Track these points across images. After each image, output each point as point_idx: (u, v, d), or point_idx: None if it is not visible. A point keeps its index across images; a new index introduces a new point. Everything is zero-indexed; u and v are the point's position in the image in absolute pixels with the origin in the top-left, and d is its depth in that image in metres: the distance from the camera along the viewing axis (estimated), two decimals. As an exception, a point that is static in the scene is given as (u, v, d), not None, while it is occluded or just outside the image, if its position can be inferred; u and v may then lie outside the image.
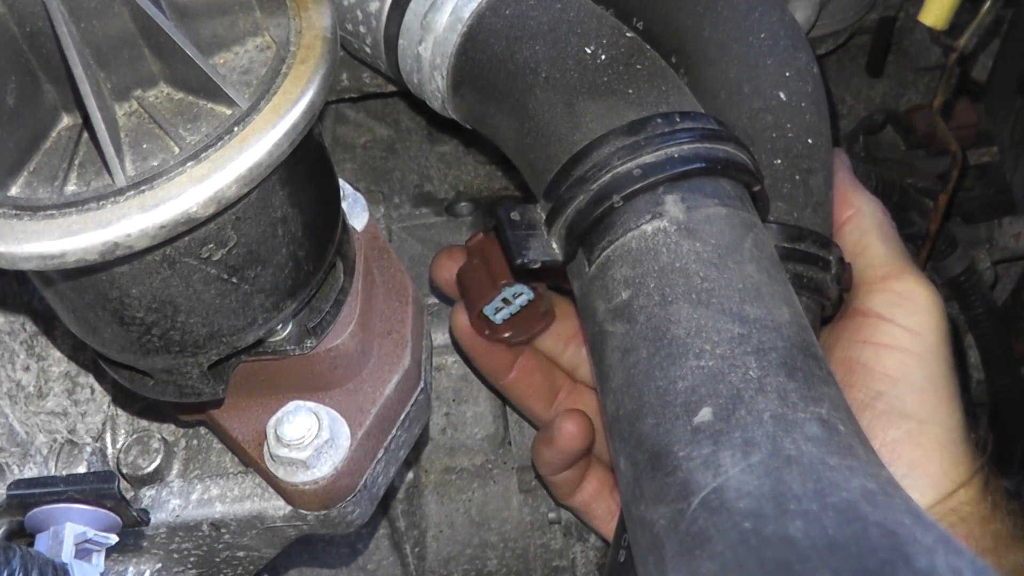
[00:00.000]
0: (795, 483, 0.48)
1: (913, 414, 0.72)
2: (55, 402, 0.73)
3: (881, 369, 0.74)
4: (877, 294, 0.78)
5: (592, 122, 0.69)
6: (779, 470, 0.49)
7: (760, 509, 0.47)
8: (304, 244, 0.58)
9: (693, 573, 0.47)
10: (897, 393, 0.72)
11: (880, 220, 0.82)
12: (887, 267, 0.79)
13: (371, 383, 0.68)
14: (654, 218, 0.64)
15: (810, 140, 0.80)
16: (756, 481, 0.49)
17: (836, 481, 0.48)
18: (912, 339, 0.75)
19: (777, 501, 0.47)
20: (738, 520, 0.47)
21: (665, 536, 0.51)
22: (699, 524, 0.49)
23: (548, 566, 1.03)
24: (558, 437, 0.86)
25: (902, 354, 0.74)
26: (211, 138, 0.50)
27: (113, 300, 0.55)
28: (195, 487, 0.69)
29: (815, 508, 0.46)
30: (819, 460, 0.50)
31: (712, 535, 0.48)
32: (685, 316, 0.60)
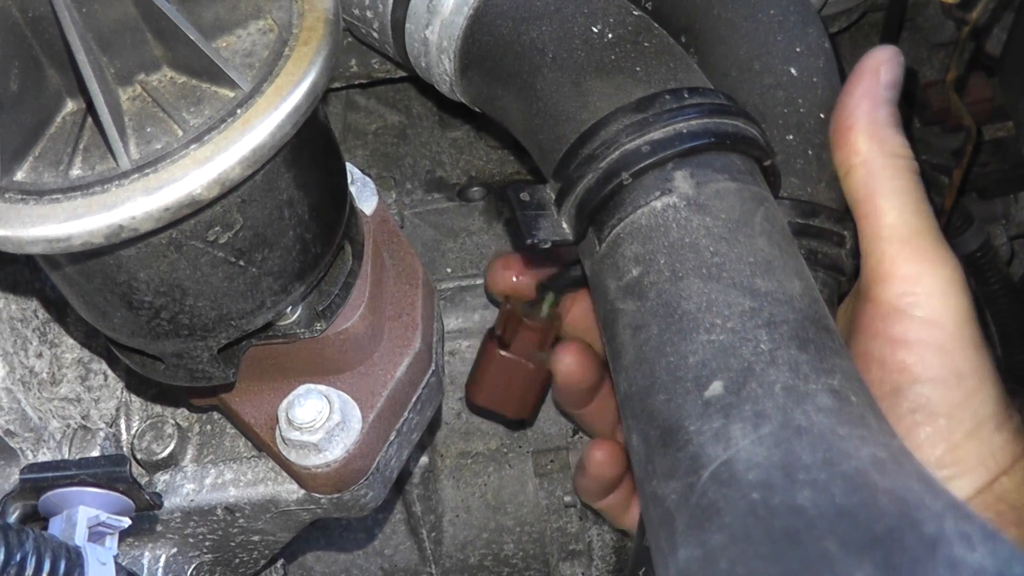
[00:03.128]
0: (804, 453, 0.48)
1: (940, 410, 0.65)
2: (68, 388, 0.73)
3: (899, 366, 0.67)
4: (886, 280, 0.69)
5: (600, 100, 0.68)
6: (789, 440, 0.49)
7: (769, 480, 0.47)
8: (311, 227, 0.58)
9: (702, 546, 0.47)
10: (920, 390, 0.65)
11: (891, 171, 0.70)
12: (895, 243, 0.69)
13: (382, 366, 0.68)
14: (663, 194, 0.64)
15: (822, 115, 0.79)
16: (765, 452, 0.48)
17: (846, 450, 0.48)
18: (929, 330, 0.67)
19: (786, 471, 0.47)
20: (747, 491, 0.47)
21: (676, 511, 0.50)
22: (708, 497, 0.48)
23: (565, 549, 1.03)
24: (589, 465, 0.84)
25: (920, 348, 0.67)
26: (214, 121, 0.50)
27: (121, 284, 0.55)
28: (209, 472, 0.69)
29: (824, 477, 0.46)
30: (829, 430, 0.49)
31: (721, 507, 0.47)
32: (696, 291, 0.60)
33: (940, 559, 0.42)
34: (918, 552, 0.43)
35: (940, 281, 0.68)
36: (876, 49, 0.71)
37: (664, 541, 0.51)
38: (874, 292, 0.69)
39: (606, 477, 0.85)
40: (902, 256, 0.68)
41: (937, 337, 0.67)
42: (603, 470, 0.84)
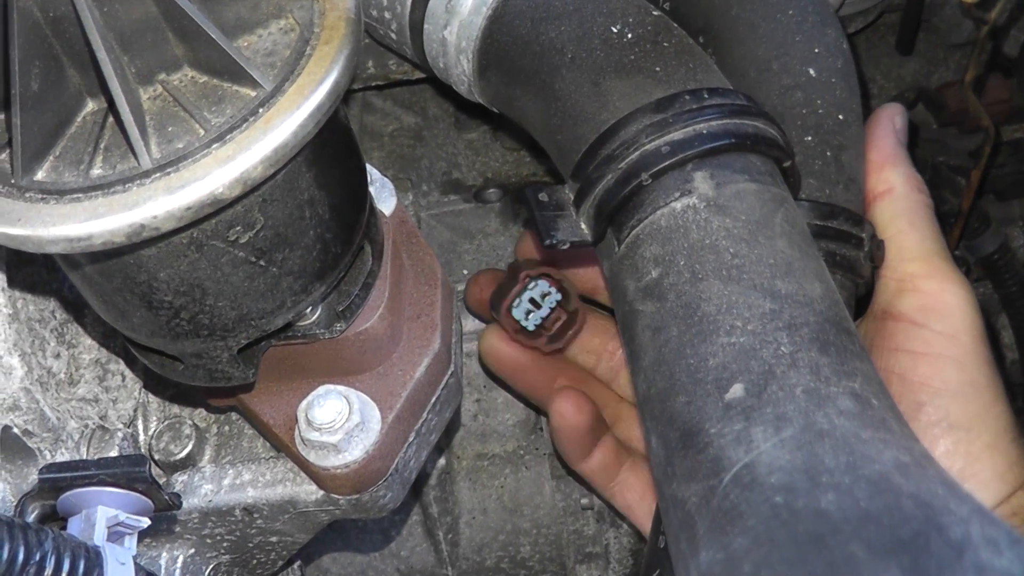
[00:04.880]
0: (827, 456, 0.47)
1: (959, 423, 0.68)
2: (86, 389, 0.73)
3: (920, 379, 0.70)
4: (907, 295, 0.74)
5: (619, 100, 0.68)
6: (811, 444, 0.48)
7: (792, 483, 0.46)
8: (332, 226, 0.58)
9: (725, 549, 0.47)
10: (940, 403, 0.69)
11: (913, 203, 0.77)
12: (917, 261, 0.75)
13: (401, 367, 0.68)
14: (683, 195, 0.64)
15: (841, 116, 0.79)
16: (788, 455, 0.48)
17: (869, 454, 0.48)
18: (948, 344, 0.71)
19: (809, 475, 0.47)
20: (769, 495, 0.47)
21: (697, 513, 0.50)
22: (730, 500, 0.48)
23: (581, 552, 1.03)
24: (556, 420, 0.85)
25: (940, 361, 0.71)
26: (236, 120, 0.50)
27: (141, 284, 0.55)
28: (227, 472, 0.69)
29: (847, 481, 0.46)
30: (852, 433, 0.49)
31: (744, 510, 0.47)
32: (716, 293, 0.60)
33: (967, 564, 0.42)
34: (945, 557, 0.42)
35: (957, 299, 0.73)
36: (887, 105, 0.82)
37: (685, 544, 0.51)
38: (896, 307, 0.74)
39: (576, 427, 0.84)
40: (923, 273, 0.74)
41: (955, 351, 0.71)
42: (571, 420, 0.84)
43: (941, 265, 0.75)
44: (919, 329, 0.73)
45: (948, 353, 0.71)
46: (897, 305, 0.75)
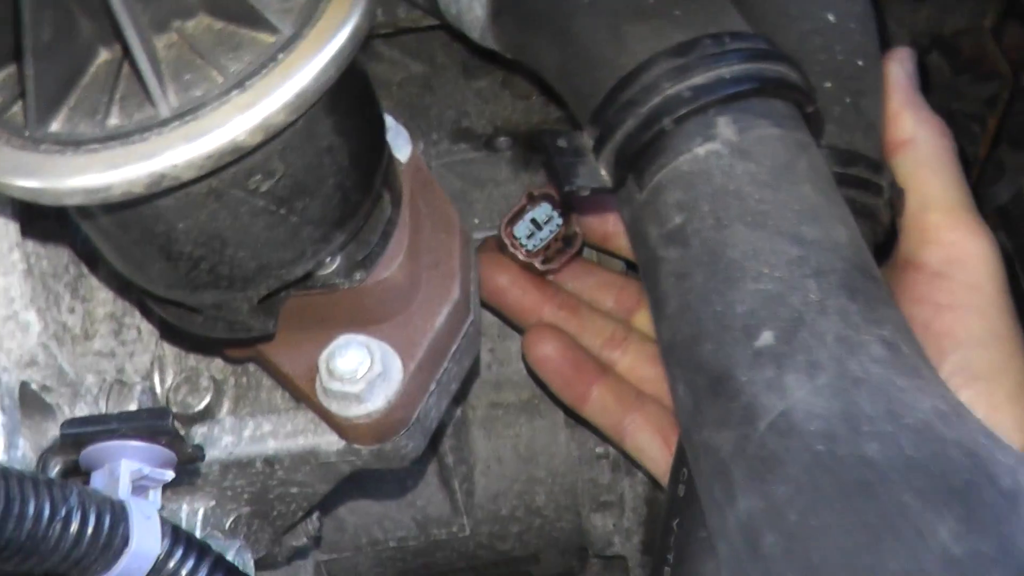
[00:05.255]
0: (866, 404, 0.47)
1: (981, 373, 0.68)
2: (102, 343, 0.73)
3: (943, 330, 0.70)
4: (931, 246, 0.74)
5: (638, 45, 0.67)
6: (847, 391, 0.48)
7: (832, 430, 0.46)
8: (351, 174, 0.57)
9: (766, 497, 0.46)
10: (963, 353, 0.68)
11: (936, 149, 0.77)
12: (940, 211, 0.75)
13: (421, 316, 0.67)
14: (706, 140, 0.63)
15: (860, 62, 0.78)
16: (825, 403, 0.48)
17: (907, 401, 0.47)
18: (971, 294, 0.71)
19: (849, 422, 0.46)
20: (810, 442, 0.46)
21: (731, 461, 0.50)
22: (768, 447, 0.48)
23: (596, 501, 1.03)
24: (527, 355, 0.86)
25: (963, 312, 0.71)
26: (255, 66, 0.49)
27: (159, 235, 0.54)
28: (247, 424, 0.69)
29: (890, 429, 0.45)
30: (887, 381, 0.49)
31: (783, 458, 0.46)
32: (741, 239, 0.59)
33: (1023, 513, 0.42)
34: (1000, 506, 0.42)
35: (981, 249, 0.73)
36: (894, 50, 0.81)
37: (719, 491, 0.50)
38: (919, 257, 0.74)
39: (548, 361, 0.86)
40: (946, 224, 0.74)
41: (978, 301, 0.71)
42: (540, 354, 0.85)
43: (964, 215, 0.75)
44: (942, 280, 0.72)
45: (971, 303, 0.71)
46: (920, 255, 0.74)
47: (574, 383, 0.86)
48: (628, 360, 0.87)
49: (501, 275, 0.86)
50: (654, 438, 0.85)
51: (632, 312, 0.89)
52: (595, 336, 0.88)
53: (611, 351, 0.88)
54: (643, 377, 0.87)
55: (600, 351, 0.87)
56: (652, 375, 0.86)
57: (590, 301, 0.89)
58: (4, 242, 0.64)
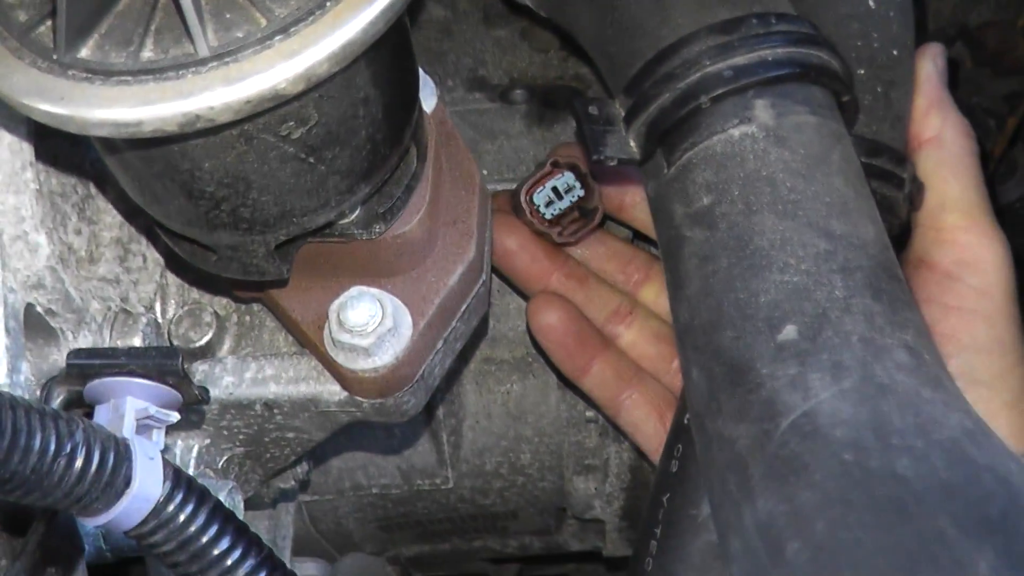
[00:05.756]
0: (894, 414, 0.46)
1: (982, 379, 0.69)
2: (107, 268, 0.72)
3: (949, 332, 0.70)
4: (945, 246, 0.74)
5: (682, 17, 0.65)
6: (874, 399, 0.47)
7: (860, 440, 0.46)
8: (383, 126, 0.56)
9: (789, 500, 0.46)
10: (966, 358, 0.69)
11: (960, 150, 0.76)
12: (957, 212, 0.74)
13: (435, 273, 0.66)
14: (742, 123, 0.62)
15: (895, 51, 0.77)
16: (851, 408, 0.47)
17: (935, 416, 0.47)
18: (979, 299, 0.72)
19: (878, 433, 0.46)
20: (837, 449, 0.46)
21: (749, 456, 0.49)
22: (791, 448, 0.47)
23: (580, 464, 1.03)
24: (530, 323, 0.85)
25: (970, 316, 0.71)
26: (302, 12, 0.47)
27: (183, 172, 0.53)
28: (249, 365, 0.68)
29: (920, 445, 0.45)
30: (913, 391, 0.48)
31: (808, 462, 0.46)
32: (769, 227, 0.58)
33: None
34: None
35: (994, 255, 0.73)
36: (928, 44, 0.79)
37: (735, 486, 0.50)
38: (932, 257, 0.73)
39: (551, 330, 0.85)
40: (962, 226, 0.74)
41: (986, 307, 0.71)
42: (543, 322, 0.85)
43: (981, 218, 0.75)
44: (952, 282, 0.73)
45: (979, 308, 0.72)
46: (933, 255, 0.74)
47: (576, 355, 0.85)
48: (631, 335, 0.87)
49: (511, 238, 0.85)
50: (650, 415, 0.85)
51: (639, 285, 0.89)
52: (600, 308, 0.87)
53: (615, 325, 0.87)
54: (644, 354, 0.86)
55: (604, 324, 0.87)
56: (653, 353, 0.86)
57: (597, 270, 0.89)
58: (18, 160, 0.62)
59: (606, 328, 0.87)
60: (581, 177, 0.84)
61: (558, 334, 0.84)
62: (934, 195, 0.75)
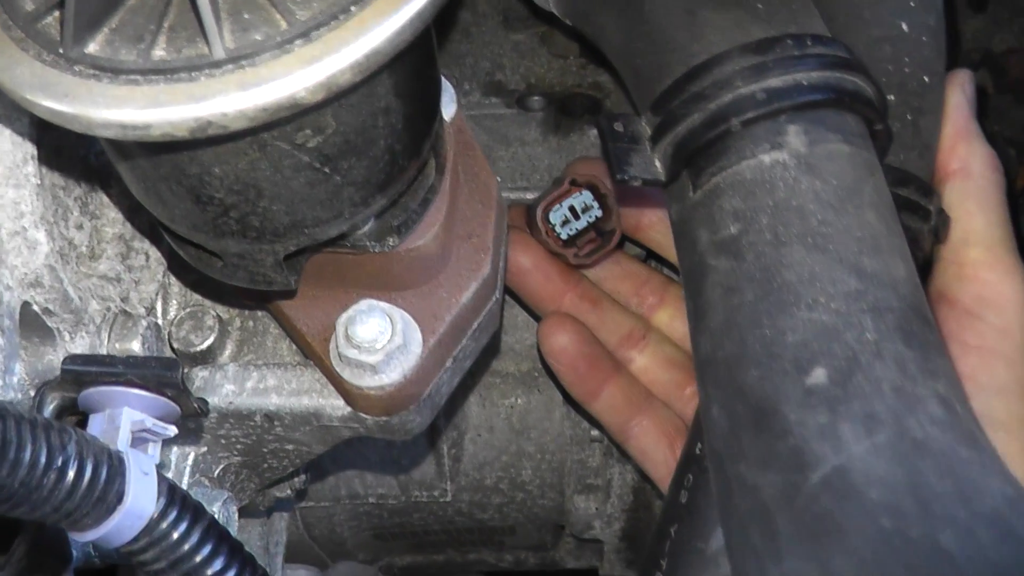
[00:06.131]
0: (932, 477, 0.44)
1: (1001, 422, 0.66)
2: (108, 266, 0.69)
3: (967, 371, 0.67)
4: (966, 282, 0.72)
5: (715, 34, 0.63)
6: (910, 457, 0.45)
7: (899, 505, 0.43)
8: (403, 137, 0.54)
9: (821, 564, 0.44)
10: (984, 399, 0.65)
11: (987, 184, 0.74)
12: (980, 247, 0.72)
13: (447, 288, 0.64)
14: (773, 148, 0.60)
15: (926, 78, 0.74)
16: (886, 466, 0.45)
17: (975, 481, 0.44)
18: (1000, 339, 0.69)
19: (917, 497, 0.43)
20: (873, 512, 0.44)
21: (776, 508, 0.47)
22: (822, 505, 0.45)
23: (582, 482, 1.01)
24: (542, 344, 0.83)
25: (990, 356, 0.69)
26: (325, 16, 0.45)
27: (191, 176, 0.51)
28: (251, 374, 0.66)
29: (963, 516, 0.43)
30: (950, 449, 0.46)
31: (843, 524, 0.44)
32: (799, 260, 0.56)
33: None
34: None
35: (1017, 293, 0.70)
36: (957, 71, 0.77)
37: (759, 539, 0.48)
38: (953, 292, 0.72)
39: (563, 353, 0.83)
40: (986, 262, 0.72)
41: (1006, 348, 0.69)
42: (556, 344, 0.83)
43: (1004, 256, 0.72)
44: (973, 319, 0.71)
45: (1000, 348, 0.69)
46: (954, 290, 0.72)
47: (587, 379, 0.83)
48: (644, 360, 0.85)
49: (525, 256, 0.83)
50: (659, 442, 0.83)
51: (654, 309, 0.86)
52: (613, 331, 0.85)
53: (627, 349, 0.85)
54: (656, 379, 0.84)
55: (616, 347, 0.85)
56: (665, 379, 0.84)
57: (611, 291, 0.86)
58: (19, 152, 0.60)
59: (618, 352, 0.85)
60: (599, 197, 0.82)
61: (569, 357, 0.82)
62: (958, 229, 0.73)
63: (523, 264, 0.83)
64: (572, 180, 0.82)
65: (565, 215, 0.83)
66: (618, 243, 0.85)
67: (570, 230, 0.83)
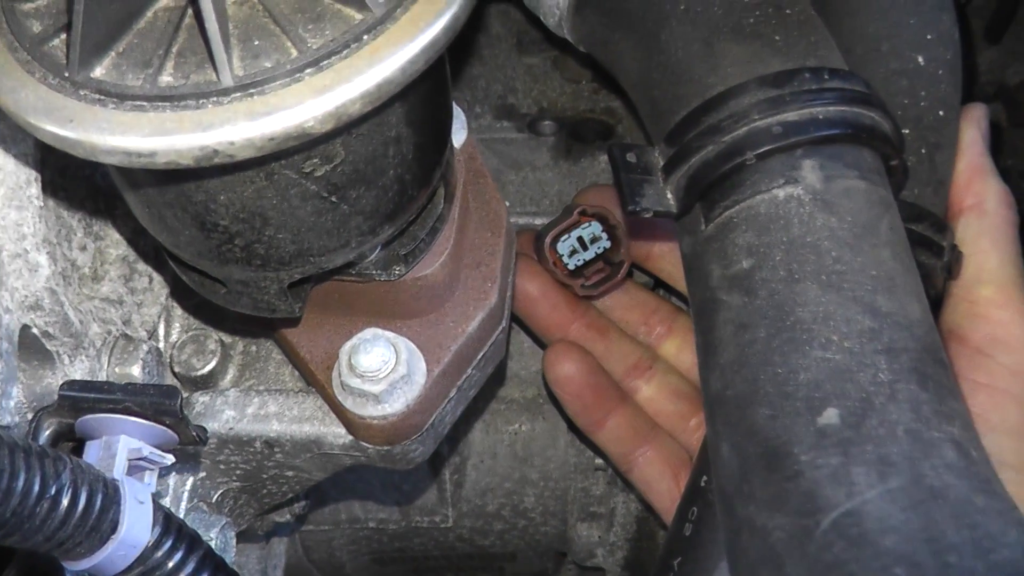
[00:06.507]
0: (948, 527, 0.43)
1: (1010, 463, 0.65)
2: (110, 288, 0.68)
3: (977, 411, 0.66)
4: (978, 320, 0.71)
5: (732, 67, 0.62)
6: (925, 504, 0.44)
7: (914, 555, 0.42)
8: (412, 167, 0.53)
9: None
10: (994, 439, 0.64)
11: (1001, 221, 0.73)
12: (993, 286, 0.71)
13: (454, 317, 0.63)
14: (788, 183, 0.59)
15: (942, 112, 0.74)
16: (901, 513, 0.44)
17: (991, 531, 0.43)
18: (1011, 380, 0.69)
19: (932, 548, 0.42)
20: (887, 562, 0.42)
21: (786, 553, 0.46)
22: (835, 553, 0.44)
23: (585, 511, 1.00)
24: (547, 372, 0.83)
25: (1000, 396, 0.68)
26: (337, 44, 0.44)
27: (197, 203, 0.50)
28: (252, 400, 0.65)
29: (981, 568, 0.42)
30: (965, 498, 0.45)
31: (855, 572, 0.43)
32: (812, 299, 0.55)
33: None
34: None
35: None
36: (972, 105, 0.76)
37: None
38: (963, 330, 0.71)
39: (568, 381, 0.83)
40: (998, 301, 0.71)
41: (1018, 388, 0.69)
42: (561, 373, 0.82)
43: (1016, 295, 0.72)
44: (984, 358, 0.70)
45: (1010, 389, 0.69)
46: (965, 328, 0.71)
47: (592, 409, 0.82)
48: (650, 391, 0.84)
49: (532, 284, 0.82)
50: (664, 473, 0.82)
51: (662, 338, 0.86)
52: (620, 361, 0.84)
53: (634, 379, 0.84)
54: (661, 410, 0.83)
55: (622, 377, 0.84)
56: (671, 410, 0.83)
57: (620, 320, 0.86)
58: (22, 174, 0.59)
59: (624, 381, 0.84)
60: (608, 228, 0.82)
61: (575, 386, 0.81)
62: (971, 266, 0.72)
63: (530, 292, 0.82)
64: (581, 210, 0.81)
65: (573, 245, 0.83)
66: (628, 274, 0.85)
67: (578, 260, 0.82)
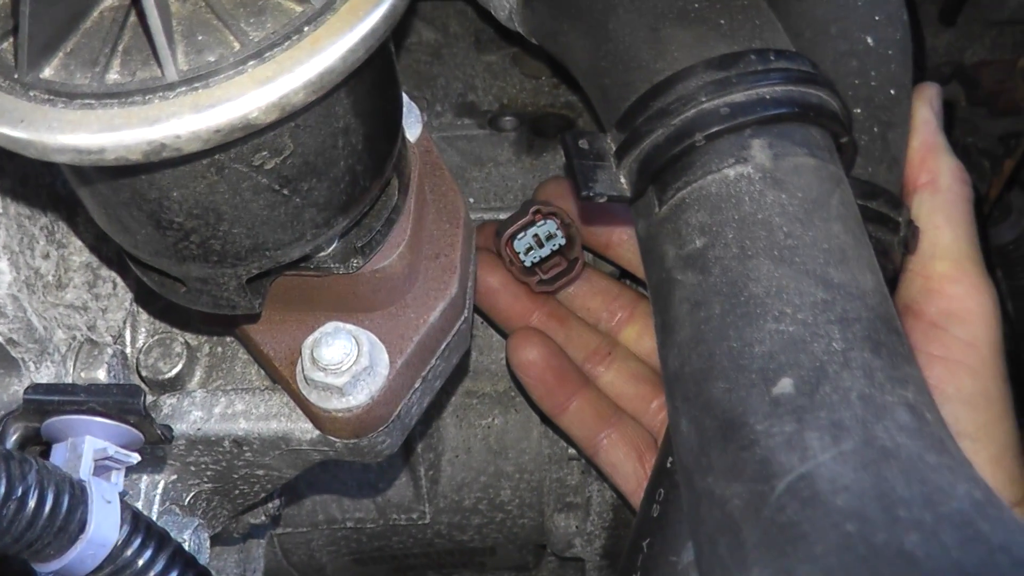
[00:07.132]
0: (898, 482, 0.44)
1: (967, 432, 0.67)
2: (75, 294, 0.69)
3: (934, 382, 0.68)
4: (933, 295, 0.72)
5: (678, 51, 0.63)
6: (876, 463, 0.45)
7: (864, 510, 0.43)
8: (363, 158, 0.53)
9: (787, 573, 0.43)
10: (950, 409, 0.66)
11: (955, 197, 0.74)
12: (947, 261, 0.73)
13: (415, 309, 0.64)
14: (738, 163, 0.60)
15: (893, 91, 0.75)
16: (852, 473, 0.45)
17: (942, 485, 0.44)
18: (966, 351, 0.70)
19: (882, 503, 0.43)
20: (838, 519, 0.43)
21: (742, 519, 0.47)
22: (788, 514, 0.45)
23: (562, 501, 1.00)
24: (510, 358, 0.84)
25: (956, 367, 0.70)
26: (278, 36, 0.45)
27: (151, 201, 0.50)
28: (219, 400, 0.65)
29: (929, 519, 0.42)
30: (917, 456, 0.46)
31: (807, 532, 0.43)
32: (765, 273, 0.56)
33: None
34: None
35: (981, 307, 0.71)
36: (924, 84, 0.77)
37: (726, 550, 0.47)
38: (919, 305, 0.72)
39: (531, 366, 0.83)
40: (952, 276, 0.72)
41: (972, 360, 0.70)
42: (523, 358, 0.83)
43: (971, 269, 0.73)
44: (939, 332, 0.71)
45: (965, 360, 0.70)
46: (920, 303, 0.73)
47: (555, 392, 0.83)
48: (610, 376, 0.85)
49: (493, 276, 0.84)
50: (628, 455, 0.83)
51: (623, 324, 0.87)
52: (580, 348, 0.85)
53: (594, 365, 0.85)
54: (622, 393, 0.84)
55: (583, 363, 0.85)
56: (632, 392, 0.84)
57: (582, 307, 0.87)
58: (-19, 181, 0.59)
59: (585, 367, 0.85)
60: (564, 226, 0.83)
61: (537, 370, 0.82)
62: (926, 242, 0.74)
63: (491, 284, 0.83)
64: (536, 209, 0.83)
65: (529, 243, 0.84)
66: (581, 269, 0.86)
67: (534, 257, 0.84)
